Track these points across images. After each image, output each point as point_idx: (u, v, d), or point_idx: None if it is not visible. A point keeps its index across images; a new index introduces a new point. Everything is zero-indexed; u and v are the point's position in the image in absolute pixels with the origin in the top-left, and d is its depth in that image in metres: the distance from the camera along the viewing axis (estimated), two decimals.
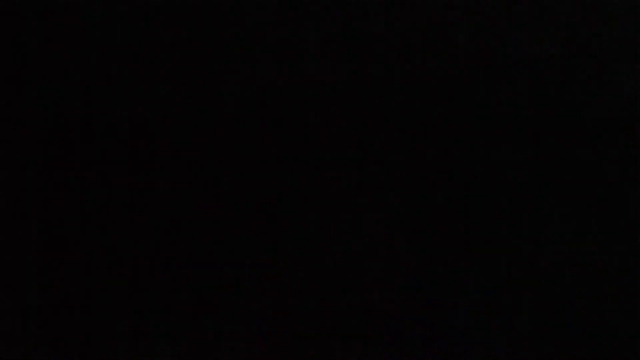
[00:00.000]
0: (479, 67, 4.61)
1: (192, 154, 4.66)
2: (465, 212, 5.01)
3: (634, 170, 4.48)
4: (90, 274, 4.56)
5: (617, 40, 4.46)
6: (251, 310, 4.53)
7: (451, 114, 5.02)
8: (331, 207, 4.70)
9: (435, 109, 5.07)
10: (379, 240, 4.93)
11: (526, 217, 5.07)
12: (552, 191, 5.02)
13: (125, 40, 3.87)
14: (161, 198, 4.76)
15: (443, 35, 4.27)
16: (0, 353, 4.03)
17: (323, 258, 4.61)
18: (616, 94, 4.69)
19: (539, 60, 4.69)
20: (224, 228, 4.64)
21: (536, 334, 4.56)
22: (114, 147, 4.50)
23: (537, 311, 4.67)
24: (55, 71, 3.72)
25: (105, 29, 3.64)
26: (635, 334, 4.16)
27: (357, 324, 4.44)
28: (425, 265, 4.77)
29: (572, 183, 4.95)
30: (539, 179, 5.08)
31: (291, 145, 4.70)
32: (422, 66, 4.61)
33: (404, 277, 4.60)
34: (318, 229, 4.59)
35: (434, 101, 5.00)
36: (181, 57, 4.17)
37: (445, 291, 4.24)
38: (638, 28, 4.26)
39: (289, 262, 4.61)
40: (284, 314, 4.39)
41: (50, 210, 4.45)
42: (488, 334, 4.34)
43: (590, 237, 4.86)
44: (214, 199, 4.68)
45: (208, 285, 4.81)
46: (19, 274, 4.34)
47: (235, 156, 4.60)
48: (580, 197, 4.93)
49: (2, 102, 3.97)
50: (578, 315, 4.56)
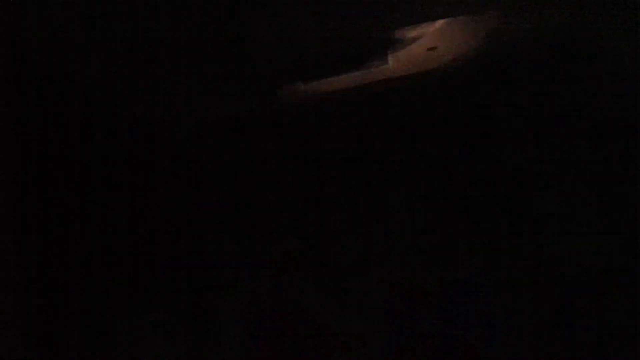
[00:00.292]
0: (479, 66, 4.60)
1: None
2: (465, 212, 4.99)
3: (634, 168, 4.45)
4: (89, 274, 4.55)
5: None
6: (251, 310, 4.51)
7: (453, 114, 5.00)
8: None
9: (435, 110, 5.05)
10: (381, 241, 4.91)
11: (526, 216, 5.04)
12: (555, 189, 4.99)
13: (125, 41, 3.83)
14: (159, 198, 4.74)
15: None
16: (1, 353, 4.01)
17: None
18: (616, 93, 4.66)
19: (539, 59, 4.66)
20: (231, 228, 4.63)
21: (536, 334, 4.54)
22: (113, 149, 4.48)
23: (537, 311, 4.65)
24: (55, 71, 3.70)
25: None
26: (635, 334, 4.14)
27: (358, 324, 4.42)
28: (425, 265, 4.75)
29: (574, 179, 4.92)
30: (541, 177, 5.05)
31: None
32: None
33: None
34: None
35: (435, 101, 4.98)
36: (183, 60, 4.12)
37: (445, 290, 4.22)
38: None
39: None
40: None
41: (50, 211, 4.43)
42: (488, 332, 4.33)
43: (589, 236, 4.84)
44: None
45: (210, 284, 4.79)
46: (19, 274, 4.33)
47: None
48: (582, 195, 4.91)
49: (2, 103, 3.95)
50: (578, 315, 4.54)
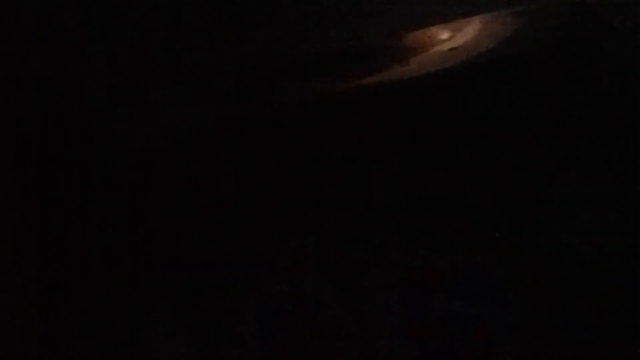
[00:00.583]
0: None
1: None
2: (464, 213, 4.99)
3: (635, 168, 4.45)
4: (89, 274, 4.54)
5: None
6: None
7: (465, 113, 5.00)
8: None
9: (436, 110, 5.04)
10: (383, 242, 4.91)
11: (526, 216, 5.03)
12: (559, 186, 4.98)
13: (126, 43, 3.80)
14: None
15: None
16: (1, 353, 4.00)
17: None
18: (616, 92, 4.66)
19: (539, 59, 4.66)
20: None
21: (536, 334, 4.53)
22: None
23: (537, 312, 4.65)
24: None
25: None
26: (635, 334, 4.13)
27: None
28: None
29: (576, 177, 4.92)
30: (542, 175, 5.04)
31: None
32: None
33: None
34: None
35: (452, 100, 4.97)
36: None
37: (444, 291, 4.22)
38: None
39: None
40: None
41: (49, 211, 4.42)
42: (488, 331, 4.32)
43: (591, 232, 4.84)
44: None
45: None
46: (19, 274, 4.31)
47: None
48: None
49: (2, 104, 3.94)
50: (578, 315, 4.54)
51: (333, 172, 5.12)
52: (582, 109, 4.90)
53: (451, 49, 4.29)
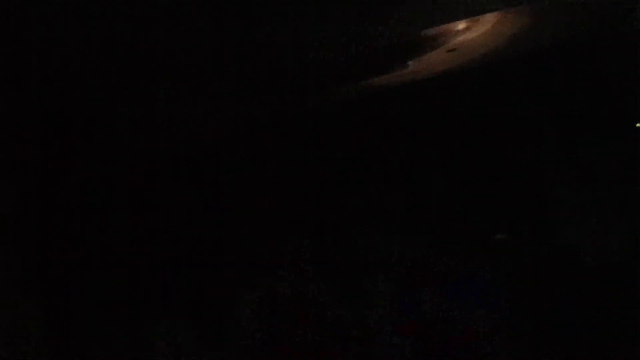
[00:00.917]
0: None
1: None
2: (464, 214, 4.99)
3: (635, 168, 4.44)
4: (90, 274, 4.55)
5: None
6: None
7: (466, 114, 5.00)
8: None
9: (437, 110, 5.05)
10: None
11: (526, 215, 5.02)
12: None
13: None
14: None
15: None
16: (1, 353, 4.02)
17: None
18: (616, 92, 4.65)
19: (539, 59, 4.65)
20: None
21: (536, 334, 4.53)
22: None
23: (537, 312, 4.64)
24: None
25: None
26: (635, 334, 4.13)
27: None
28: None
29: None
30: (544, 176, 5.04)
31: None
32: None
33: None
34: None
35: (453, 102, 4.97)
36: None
37: (445, 291, 4.22)
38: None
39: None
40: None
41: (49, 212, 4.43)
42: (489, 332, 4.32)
43: (593, 232, 4.83)
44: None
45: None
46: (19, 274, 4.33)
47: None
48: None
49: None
50: (578, 315, 4.53)
51: (333, 173, 5.12)
52: (586, 110, 4.89)
53: (450, 50, 4.27)
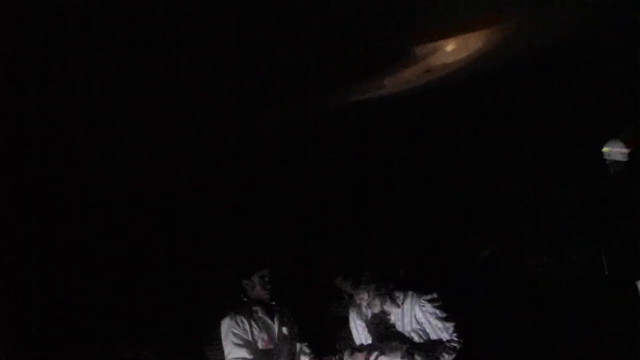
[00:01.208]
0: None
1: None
2: (464, 215, 5.00)
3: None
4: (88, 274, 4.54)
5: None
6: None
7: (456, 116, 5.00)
8: None
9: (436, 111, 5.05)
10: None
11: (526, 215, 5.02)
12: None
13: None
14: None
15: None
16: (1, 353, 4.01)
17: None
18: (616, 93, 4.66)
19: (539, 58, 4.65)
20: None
21: (536, 334, 4.54)
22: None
23: (537, 312, 4.65)
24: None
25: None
26: (635, 334, 4.14)
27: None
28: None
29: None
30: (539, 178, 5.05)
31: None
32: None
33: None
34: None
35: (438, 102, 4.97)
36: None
37: (445, 291, 4.23)
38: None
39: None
40: None
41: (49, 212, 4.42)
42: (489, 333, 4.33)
43: (589, 238, 4.84)
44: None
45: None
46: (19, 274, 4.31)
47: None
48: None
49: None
50: (579, 316, 4.54)
51: (334, 173, 5.12)
52: (586, 112, 4.90)
53: (426, 72, 4.20)
